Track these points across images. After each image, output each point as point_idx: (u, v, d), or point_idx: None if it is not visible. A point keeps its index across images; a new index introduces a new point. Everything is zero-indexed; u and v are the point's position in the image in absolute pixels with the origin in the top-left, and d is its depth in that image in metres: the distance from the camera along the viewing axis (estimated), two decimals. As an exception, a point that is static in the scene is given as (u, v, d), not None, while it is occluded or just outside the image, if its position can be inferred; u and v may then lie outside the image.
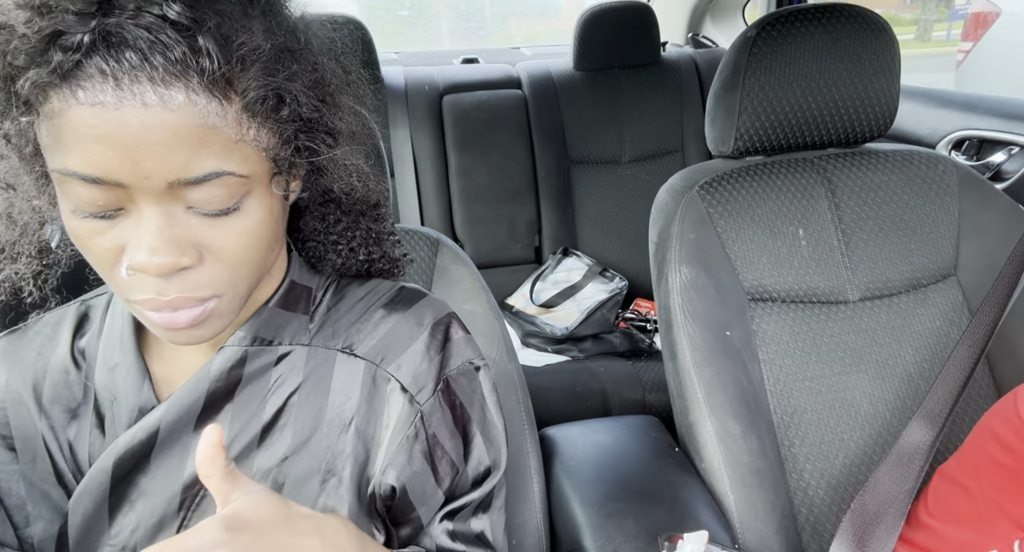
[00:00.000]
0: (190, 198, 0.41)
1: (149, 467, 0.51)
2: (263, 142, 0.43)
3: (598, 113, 1.85)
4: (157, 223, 0.40)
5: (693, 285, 0.89)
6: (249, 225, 0.44)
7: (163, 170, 0.39)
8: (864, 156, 0.98)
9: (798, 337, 0.92)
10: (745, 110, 0.93)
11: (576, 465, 0.88)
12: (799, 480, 0.88)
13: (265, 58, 0.42)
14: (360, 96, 0.52)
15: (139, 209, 0.41)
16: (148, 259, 0.40)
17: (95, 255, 0.42)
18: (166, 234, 0.40)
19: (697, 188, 0.93)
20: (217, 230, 0.42)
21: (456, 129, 1.80)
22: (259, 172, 0.44)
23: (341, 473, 0.52)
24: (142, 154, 0.38)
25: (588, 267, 1.74)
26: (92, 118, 0.38)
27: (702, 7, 2.24)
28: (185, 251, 0.41)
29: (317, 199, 0.55)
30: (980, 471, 0.71)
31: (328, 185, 0.53)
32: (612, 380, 1.46)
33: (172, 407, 0.50)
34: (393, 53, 2.38)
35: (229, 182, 0.41)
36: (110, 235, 0.41)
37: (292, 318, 0.54)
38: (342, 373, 0.54)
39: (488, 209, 1.80)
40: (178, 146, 0.39)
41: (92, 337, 0.55)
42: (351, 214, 0.57)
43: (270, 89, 0.42)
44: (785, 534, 0.83)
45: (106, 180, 0.39)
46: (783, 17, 0.92)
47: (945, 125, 1.38)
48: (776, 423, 0.89)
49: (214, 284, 0.43)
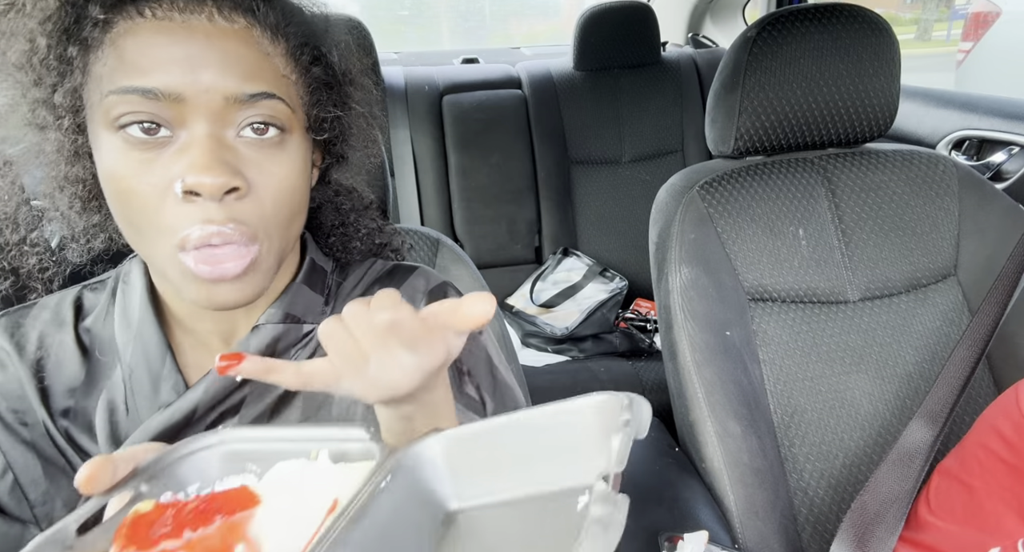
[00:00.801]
0: (241, 118, 0.44)
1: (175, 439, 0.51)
2: (300, 90, 0.48)
3: (598, 113, 1.85)
4: (209, 145, 0.42)
5: (693, 285, 0.89)
6: (289, 166, 0.47)
7: (222, 84, 0.42)
8: (864, 156, 0.98)
9: (798, 337, 0.92)
10: (745, 110, 0.93)
11: (576, 465, 0.88)
12: (799, 480, 0.88)
13: (301, 15, 0.48)
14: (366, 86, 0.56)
15: (190, 132, 0.43)
16: (200, 177, 0.41)
17: (140, 196, 0.43)
18: (218, 155, 0.42)
19: (697, 188, 0.93)
20: (262, 165, 0.45)
21: (456, 129, 1.80)
22: (299, 116, 0.48)
23: None
24: (204, 67, 0.41)
25: (588, 267, 1.74)
26: (159, 34, 0.41)
27: (702, 7, 2.24)
28: (236, 174, 0.43)
29: (330, 194, 0.59)
30: (982, 468, 0.71)
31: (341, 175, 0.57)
32: (612, 380, 1.46)
33: (210, 389, 0.51)
34: (393, 53, 2.38)
35: (277, 108, 0.45)
36: (156, 169, 0.42)
37: (313, 298, 0.56)
38: None
39: (488, 209, 1.80)
40: (238, 64, 0.43)
41: (99, 318, 0.55)
42: (359, 207, 0.62)
43: (308, 40, 0.47)
44: (785, 534, 0.83)
45: (167, 93, 0.41)
46: (783, 17, 0.92)
47: (945, 125, 1.38)
48: (776, 423, 0.89)
49: (257, 222, 0.45)
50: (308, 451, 0.35)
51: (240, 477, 0.36)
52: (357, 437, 0.35)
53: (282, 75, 0.46)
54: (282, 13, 0.46)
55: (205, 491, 0.35)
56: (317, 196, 0.59)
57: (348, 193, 0.62)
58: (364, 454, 0.35)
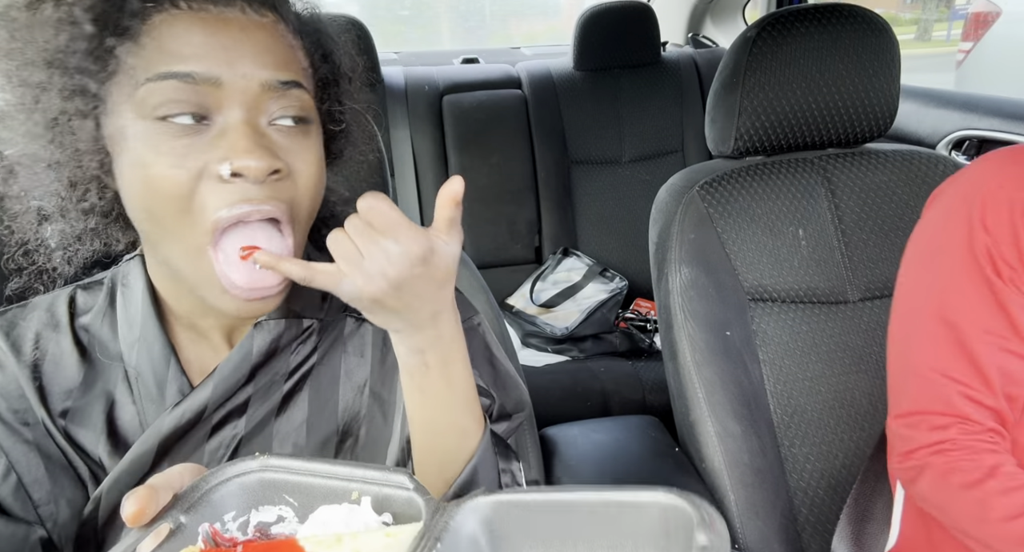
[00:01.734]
0: (273, 107, 0.46)
1: (181, 441, 0.52)
2: (312, 88, 0.50)
3: (598, 113, 1.85)
4: (248, 131, 0.44)
5: (693, 285, 0.89)
6: (316, 153, 0.49)
7: (258, 71, 0.44)
8: (864, 156, 0.98)
9: (798, 337, 0.92)
10: (745, 110, 0.94)
11: (576, 465, 0.88)
12: (799, 480, 0.88)
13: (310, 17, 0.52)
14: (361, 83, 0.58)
15: (225, 119, 0.44)
16: (246, 161, 0.43)
17: (173, 184, 0.44)
18: (256, 139, 0.44)
19: (697, 188, 0.93)
20: (292, 150, 0.47)
21: (456, 129, 1.80)
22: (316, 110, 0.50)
23: (358, 433, 0.55)
24: (240, 55, 0.44)
25: (588, 267, 1.74)
26: (196, 24, 0.43)
27: (702, 7, 2.24)
28: (276, 157, 0.45)
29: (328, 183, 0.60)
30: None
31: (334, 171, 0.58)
32: (612, 380, 1.46)
33: (219, 387, 0.51)
34: (393, 53, 2.38)
35: (304, 97, 0.48)
36: (193, 152, 0.43)
37: (312, 293, 0.56)
38: (354, 337, 0.57)
39: (488, 209, 1.80)
40: (270, 52, 0.46)
41: (97, 317, 0.55)
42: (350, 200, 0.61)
43: (318, 41, 0.51)
44: (785, 533, 0.83)
45: (205, 77, 0.43)
46: (783, 17, 0.92)
47: (945, 125, 1.38)
48: (776, 423, 0.89)
49: (291, 201, 0.47)
50: (349, 491, 0.35)
51: (277, 509, 0.35)
52: (399, 483, 0.35)
53: (303, 68, 0.49)
54: (297, 13, 0.50)
55: (242, 518, 0.35)
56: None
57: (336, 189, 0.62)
58: (407, 504, 0.34)
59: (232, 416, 0.53)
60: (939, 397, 0.64)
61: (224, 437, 0.53)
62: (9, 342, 0.53)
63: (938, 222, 0.69)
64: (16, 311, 0.55)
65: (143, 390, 0.52)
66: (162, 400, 0.52)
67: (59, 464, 0.51)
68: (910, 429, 0.66)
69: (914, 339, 0.68)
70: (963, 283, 0.64)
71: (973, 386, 0.62)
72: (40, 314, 0.54)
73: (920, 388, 0.66)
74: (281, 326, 0.54)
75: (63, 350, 0.53)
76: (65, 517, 0.51)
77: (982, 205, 0.63)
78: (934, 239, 0.69)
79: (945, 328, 0.64)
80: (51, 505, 0.50)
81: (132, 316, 0.53)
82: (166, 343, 0.52)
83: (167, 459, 0.51)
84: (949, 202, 0.68)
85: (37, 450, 0.51)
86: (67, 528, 0.51)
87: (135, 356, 0.52)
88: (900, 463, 0.67)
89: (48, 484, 0.50)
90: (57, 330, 0.54)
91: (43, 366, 0.52)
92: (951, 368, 0.63)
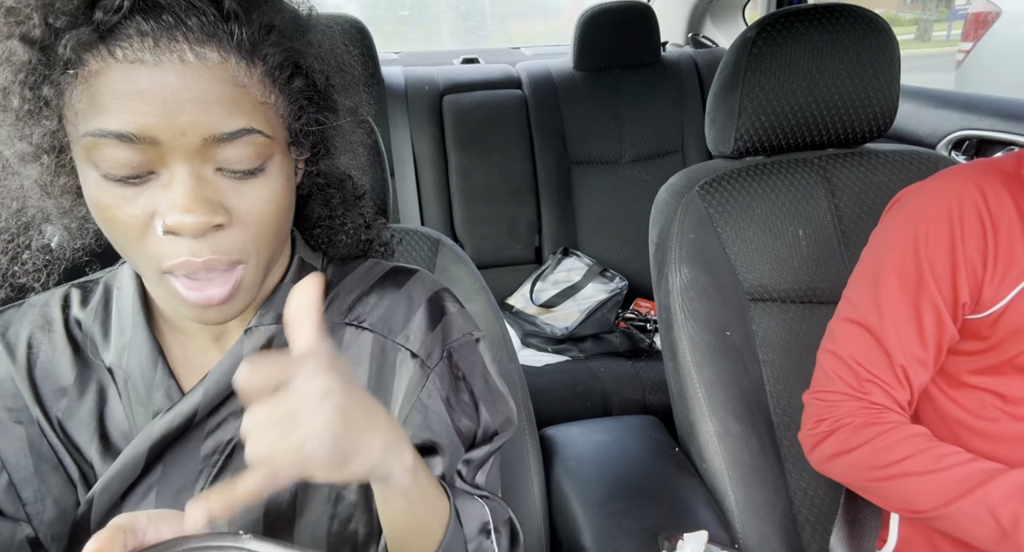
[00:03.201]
0: (221, 157, 0.43)
1: (175, 446, 0.52)
2: (281, 109, 0.46)
3: (598, 113, 1.85)
4: (190, 184, 0.42)
5: (693, 285, 0.89)
6: (272, 189, 0.46)
7: (199, 126, 0.41)
8: (864, 156, 0.98)
9: (798, 337, 0.92)
10: (745, 110, 0.94)
11: (576, 465, 0.88)
12: (799, 480, 0.88)
13: (280, 28, 0.45)
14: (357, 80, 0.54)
15: (170, 171, 0.42)
16: (182, 218, 0.41)
17: (123, 225, 0.43)
18: (198, 193, 0.42)
19: (697, 188, 0.93)
20: (244, 193, 0.44)
21: (456, 129, 1.80)
22: (280, 137, 0.46)
23: None
24: (179, 109, 0.40)
25: (588, 267, 1.74)
26: (131, 75, 0.40)
27: (702, 7, 2.24)
28: (217, 210, 0.43)
29: (319, 184, 0.58)
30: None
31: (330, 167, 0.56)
32: (612, 380, 1.46)
33: (208, 392, 0.51)
34: (393, 53, 2.38)
35: (257, 141, 0.44)
36: (139, 202, 0.42)
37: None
38: (351, 345, 0.56)
39: (488, 209, 1.80)
40: (213, 102, 0.41)
41: (90, 317, 0.55)
42: (349, 199, 0.61)
43: (287, 57, 0.45)
44: (785, 533, 0.83)
45: (142, 137, 0.40)
46: (783, 17, 0.92)
47: (945, 125, 1.38)
48: (776, 423, 0.89)
49: (242, 248, 0.45)
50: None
51: None
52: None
53: (260, 103, 0.44)
54: (259, 31, 0.43)
55: None
56: (305, 185, 0.58)
57: (339, 184, 0.60)
58: None
59: (227, 421, 0.53)
60: (853, 381, 0.71)
61: (219, 442, 0.52)
62: (4, 342, 0.53)
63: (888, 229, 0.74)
64: (10, 311, 0.55)
65: (132, 392, 0.52)
66: (151, 403, 0.52)
67: (50, 463, 0.51)
68: (821, 402, 0.73)
69: (837, 328, 0.74)
70: (892, 282, 0.70)
71: (887, 381, 0.70)
72: (34, 314, 0.54)
73: (837, 371, 0.73)
74: (272, 331, 0.53)
75: (57, 350, 0.53)
76: (51, 516, 0.51)
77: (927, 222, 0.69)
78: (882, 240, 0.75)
79: (864, 328, 0.71)
80: (38, 504, 0.51)
81: (124, 320, 0.53)
82: (154, 346, 0.52)
83: (160, 463, 0.51)
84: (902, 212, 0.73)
85: (29, 449, 0.51)
86: (53, 527, 0.51)
87: (124, 358, 0.52)
88: (811, 430, 0.73)
89: (36, 483, 0.51)
90: (51, 330, 0.54)
91: (37, 365, 0.52)
92: (867, 360, 0.71)
